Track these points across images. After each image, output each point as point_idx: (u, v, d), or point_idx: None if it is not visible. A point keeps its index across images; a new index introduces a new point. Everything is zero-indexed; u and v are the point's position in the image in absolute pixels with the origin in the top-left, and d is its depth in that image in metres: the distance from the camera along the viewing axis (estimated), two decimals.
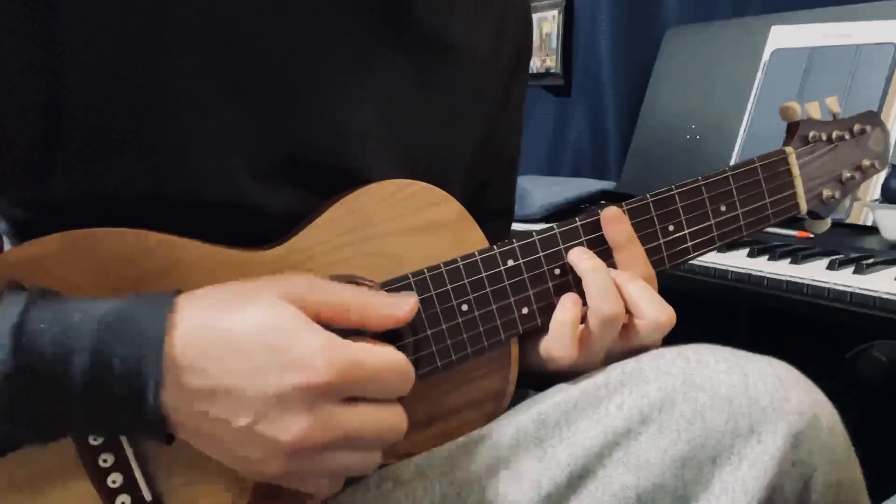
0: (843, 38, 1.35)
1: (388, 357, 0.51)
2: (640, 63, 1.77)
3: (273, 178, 0.58)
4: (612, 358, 0.60)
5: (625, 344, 0.61)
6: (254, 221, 0.58)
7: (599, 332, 0.59)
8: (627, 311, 0.60)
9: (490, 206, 0.78)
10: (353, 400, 0.50)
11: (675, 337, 0.62)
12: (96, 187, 0.55)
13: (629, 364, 0.56)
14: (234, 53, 0.56)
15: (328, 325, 0.51)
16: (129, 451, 0.53)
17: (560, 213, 1.55)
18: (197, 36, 0.55)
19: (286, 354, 0.48)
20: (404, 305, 0.54)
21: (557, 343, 0.60)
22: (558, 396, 0.56)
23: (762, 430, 0.51)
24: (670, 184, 0.65)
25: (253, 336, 0.48)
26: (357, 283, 0.58)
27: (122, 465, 0.53)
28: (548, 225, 0.63)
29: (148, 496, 0.54)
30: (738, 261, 1.12)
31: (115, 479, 0.53)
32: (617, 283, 0.61)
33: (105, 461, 0.53)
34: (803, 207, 0.70)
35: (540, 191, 1.58)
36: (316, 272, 0.57)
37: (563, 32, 1.96)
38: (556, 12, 1.96)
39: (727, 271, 1.11)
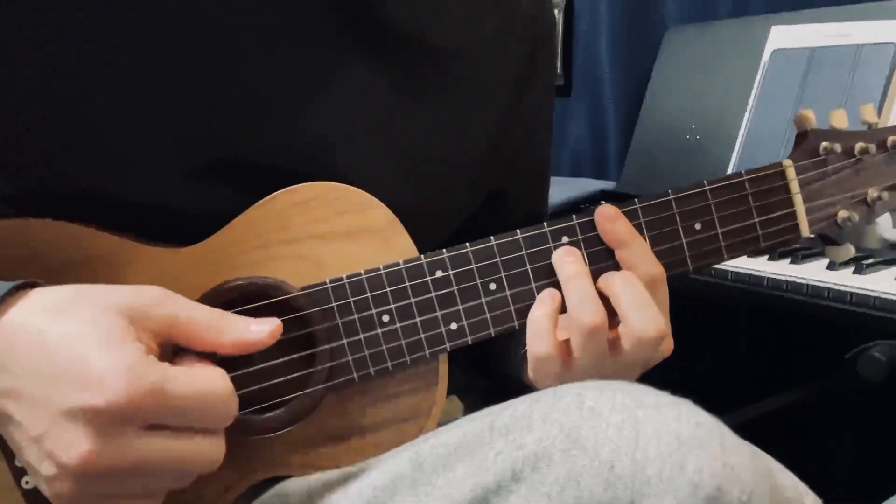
0: (843, 38, 1.34)
1: (203, 385, 0.47)
2: (640, 63, 1.76)
3: (209, 180, 0.57)
4: (606, 377, 0.54)
5: (615, 359, 0.56)
6: (188, 223, 0.56)
7: (582, 345, 0.55)
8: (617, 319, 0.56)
9: (515, 213, 0.74)
10: (157, 427, 0.46)
11: (674, 338, 0.61)
12: (28, 186, 0.55)
13: (521, 405, 0.50)
14: (165, 52, 0.54)
15: (177, 346, 0.50)
16: None
17: (560, 214, 1.54)
18: (127, 37, 0.53)
19: (84, 369, 0.45)
20: (258, 332, 0.51)
21: (535, 339, 0.56)
22: (442, 436, 0.51)
23: None
24: (670, 184, 0.61)
25: (61, 343, 0.46)
26: (273, 286, 0.57)
27: None
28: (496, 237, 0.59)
29: None
30: (737, 261, 1.12)
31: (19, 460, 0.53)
32: (605, 286, 0.57)
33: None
34: (804, 230, 0.61)
35: None
36: (232, 272, 0.57)
37: (563, 32, 1.96)
38: (556, 12, 1.96)
39: (727, 271, 1.11)
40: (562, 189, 1.62)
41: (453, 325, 0.57)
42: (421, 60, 0.64)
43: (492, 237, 0.58)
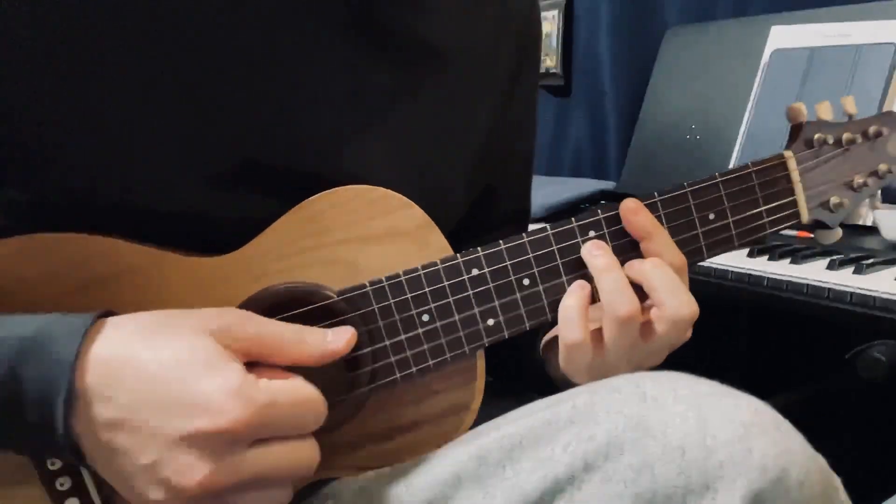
0: (843, 38, 1.34)
1: (302, 393, 0.49)
2: (640, 63, 1.76)
3: (230, 185, 0.57)
4: (635, 363, 0.58)
5: (647, 344, 0.58)
6: (212, 230, 0.56)
7: (616, 334, 0.57)
8: (648, 304, 0.58)
9: (502, 210, 0.76)
10: (262, 440, 0.48)
11: None
12: (44, 193, 0.54)
13: (581, 397, 0.52)
14: (182, 57, 0.54)
15: (259, 362, 0.50)
16: None
17: (560, 213, 1.55)
18: (135, 40, 0.53)
19: (194, 395, 0.46)
20: (341, 341, 0.53)
21: (567, 327, 0.58)
22: (503, 430, 0.53)
23: (718, 487, 0.46)
24: (670, 184, 0.63)
25: (166, 370, 0.47)
26: (312, 291, 0.57)
27: (70, 469, 0.53)
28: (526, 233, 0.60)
29: (97, 500, 0.53)
30: (737, 261, 1.12)
31: (62, 482, 0.53)
32: (636, 273, 0.58)
33: (53, 464, 0.53)
34: (804, 216, 0.66)
35: (540, 191, 1.57)
36: (269, 279, 0.56)
37: (563, 32, 1.95)
38: (556, 12, 1.95)
39: (727, 271, 1.11)
40: (562, 189, 1.62)
41: (490, 321, 0.59)
42: (421, 59, 0.64)
43: (524, 234, 0.59)
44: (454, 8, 0.66)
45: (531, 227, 0.62)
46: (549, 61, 1.98)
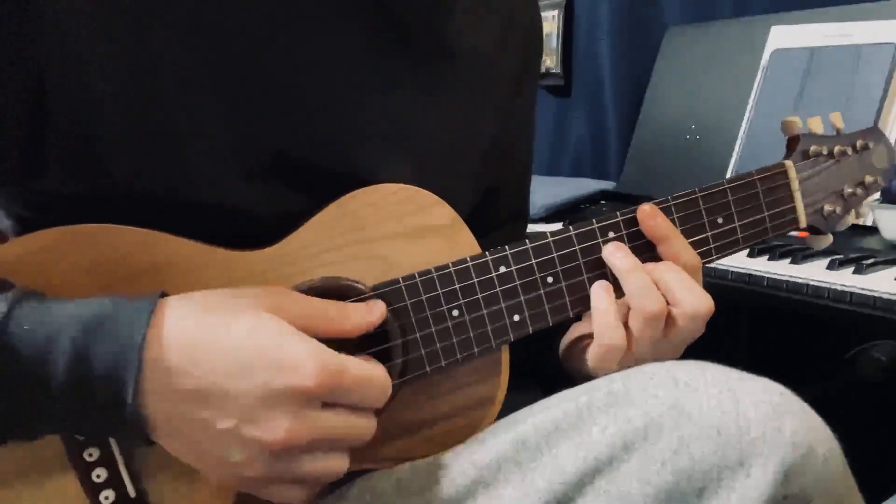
0: (843, 38, 1.35)
1: (371, 369, 0.52)
2: (640, 63, 1.76)
3: (264, 180, 0.58)
4: (658, 357, 0.61)
5: (666, 338, 0.61)
6: (246, 223, 0.57)
7: (643, 331, 0.60)
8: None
9: (503, 210, 0.77)
10: (330, 405, 0.50)
11: None
12: (88, 185, 0.55)
13: (616, 384, 0.54)
14: (221, 53, 0.55)
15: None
16: (114, 447, 0.54)
17: (560, 213, 1.55)
18: (183, 36, 0.54)
19: (275, 356, 0.49)
20: (376, 312, 0.56)
21: (605, 329, 0.60)
22: (540, 416, 0.55)
23: (752, 463, 0.49)
24: (670, 184, 0.65)
25: (242, 339, 0.49)
26: (347, 286, 0.58)
27: (107, 460, 0.54)
28: (543, 230, 0.62)
29: (132, 492, 0.54)
30: (738, 261, 1.12)
31: (99, 474, 0.54)
32: (654, 275, 0.61)
33: (90, 455, 0.53)
34: (802, 222, 0.70)
35: (540, 191, 1.57)
36: (305, 275, 0.58)
37: (563, 32, 1.96)
38: (556, 12, 1.95)
39: (727, 271, 1.11)
40: (562, 189, 1.62)
41: (516, 317, 0.61)
42: (438, 60, 0.65)
43: (547, 233, 0.62)
44: (468, 10, 0.68)
45: (532, 227, 0.62)
46: (549, 61, 1.99)
